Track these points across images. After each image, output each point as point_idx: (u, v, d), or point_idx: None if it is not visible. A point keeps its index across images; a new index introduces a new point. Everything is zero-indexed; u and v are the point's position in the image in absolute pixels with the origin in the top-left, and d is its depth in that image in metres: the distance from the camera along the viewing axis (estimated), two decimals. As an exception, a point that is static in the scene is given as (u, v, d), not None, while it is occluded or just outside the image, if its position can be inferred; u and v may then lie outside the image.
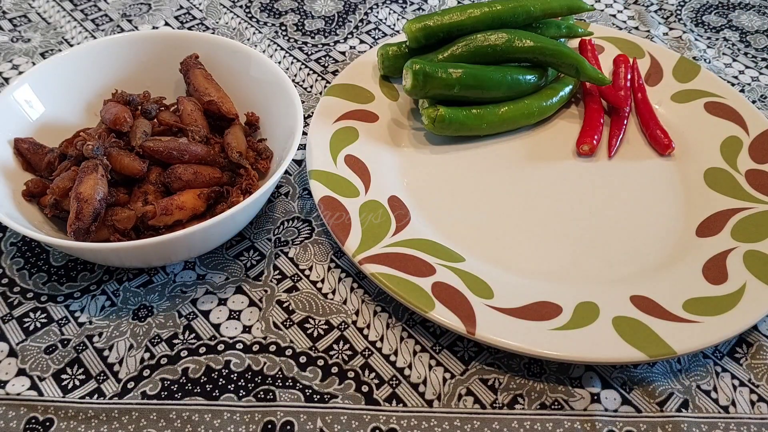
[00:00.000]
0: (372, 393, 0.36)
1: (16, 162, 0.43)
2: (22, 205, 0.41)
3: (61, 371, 0.37)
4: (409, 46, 0.52)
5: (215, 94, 0.46)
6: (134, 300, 0.40)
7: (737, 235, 0.43)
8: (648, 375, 0.37)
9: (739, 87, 0.57)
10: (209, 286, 0.41)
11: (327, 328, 0.39)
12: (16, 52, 0.58)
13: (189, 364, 0.37)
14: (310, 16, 0.63)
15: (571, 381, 0.37)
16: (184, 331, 0.39)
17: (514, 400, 0.36)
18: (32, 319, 0.39)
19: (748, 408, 0.36)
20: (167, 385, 0.36)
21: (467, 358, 0.38)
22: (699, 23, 0.64)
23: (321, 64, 0.58)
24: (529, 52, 0.50)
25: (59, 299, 0.40)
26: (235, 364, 0.37)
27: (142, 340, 0.38)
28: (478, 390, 0.36)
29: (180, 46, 0.48)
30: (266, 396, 0.36)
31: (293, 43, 0.60)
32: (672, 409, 0.36)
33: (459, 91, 0.48)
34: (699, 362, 0.38)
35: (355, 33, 0.62)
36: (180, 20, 0.62)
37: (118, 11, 0.63)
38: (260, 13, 0.64)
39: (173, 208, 0.39)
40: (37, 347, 0.38)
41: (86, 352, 0.38)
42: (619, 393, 0.36)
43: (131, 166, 0.41)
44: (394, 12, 0.64)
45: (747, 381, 0.37)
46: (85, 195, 0.38)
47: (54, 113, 0.46)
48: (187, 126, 0.44)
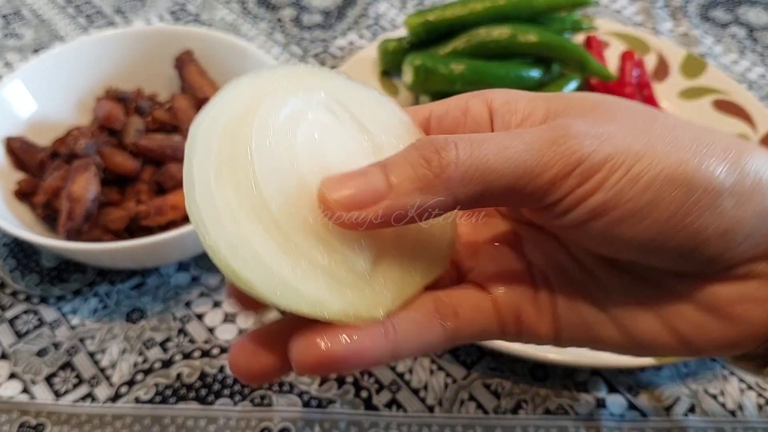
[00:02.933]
0: (371, 398, 0.35)
1: (8, 161, 0.42)
2: (14, 205, 0.40)
3: (53, 375, 0.36)
4: (409, 41, 0.51)
5: (210, 91, 0.45)
6: (127, 302, 0.39)
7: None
8: (655, 379, 0.36)
9: (746, 84, 0.56)
10: (204, 288, 0.40)
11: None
12: (8, 49, 0.57)
13: (183, 368, 0.36)
14: (307, 10, 0.62)
15: (576, 386, 0.36)
16: (179, 335, 0.38)
17: (517, 405, 0.35)
18: (24, 321, 0.38)
19: (755, 412, 0.35)
20: (161, 390, 0.35)
21: (469, 362, 0.37)
22: (706, 19, 0.63)
23: (319, 60, 0.57)
24: (533, 47, 0.49)
25: (51, 301, 0.39)
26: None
27: (135, 344, 0.37)
28: (480, 395, 0.36)
29: (174, 41, 0.47)
30: (263, 401, 0.35)
31: (290, 39, 0.59)
32: (679, 413, 0.35)
33: (461, 86, 0.47)
34: (706, 366, 0.37)
35: (354, 28, 0.61)
36: (175, 15, 0.61)
37: (111, 7, 0.62)
38: (257, 7, 0.63)
39: (167, 208, 0.38)
40: (29, 350, 0.37)
41: (79, 356, 0.37)
42: (625, 398, 0.36)
43: (124, 165, 0.40)
44: (393, 6, 0.63)
45: (754, 384, 0.36)
46: (76, 194, 0.37)
47: (46, 111, 0.45)
48: (182, 123, 0.43)
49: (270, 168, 0.19)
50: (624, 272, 0.21)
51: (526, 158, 0.18)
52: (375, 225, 0.19)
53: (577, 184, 0.18)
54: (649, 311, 0.21)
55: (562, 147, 0.18)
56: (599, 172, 0.18)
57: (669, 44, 0.55)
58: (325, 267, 0.19)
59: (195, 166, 0.19)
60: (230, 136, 0.19)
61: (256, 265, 0.18)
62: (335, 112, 0.21)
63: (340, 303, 0.19)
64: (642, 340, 0.21)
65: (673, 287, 0.21)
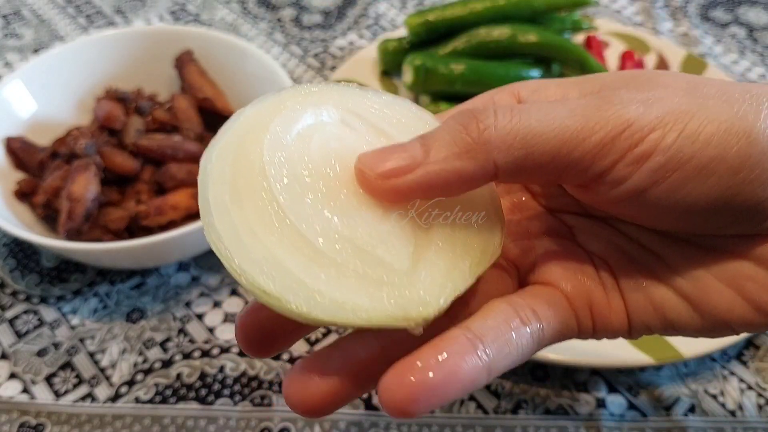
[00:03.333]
0: (371, 398, 0.35)
1: (8, 161, 0.42)
2: (14, 205, 0.40)
3: (53, 375, 0.36)
4: (409, 41, 0.51)
5: (210, 91, 0.45)
6: (127, 302, 0.39)
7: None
8: (654, 379, 0.36)
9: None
10: (204, 288, 0.40)
11: (325, 331, 0.38)
12: (8, 49, 0.57)
13: (183, 368, 0.36)
14: (307, 10, 0.62)
15: (576, 386, 0.36)
16: (179, 335, 0.38)
17: (517, 405, 0.35)
18: (24, 321, 0.38)
19: (755, 412, 0.35)
20: (161, 390, 0.35)
21: (469, 361, 0.37)
22: (706, 19, 0.63)
23: (319, 60, 0.57)
24: (533, 47, 0.49)
25: (51, 301, 0.39)
26: (230, 368, 0.36)
27: (135, 344, 0.37)
28: (480, 395, 0.36)
29: (174, 41, 0.47)
30: (263, 401, 0.35)
31: (290, 39, 0.59)
32: (679, 413, 0.35)
33: (461, 86, 0.47)
34: (706, 366, 0.37)
35: (354, 28, 0.61)
36: (175, 15, 0.61)
37: (111, 7, 0.62)
38: (257, 7, 0.63)
39: (167, 208, 0.38)
40: (29, 350, 0.37)
41: (79, 356, 0.37)
42: (625, 398, 0.36)
43: (124, 165, 0.40)
44: (393, 6, 0.63)
45: (754, 384, 0.36)
46: (76, 194, 0.37)
47: (46, 111, 0.45)
48: (181, 123, 0.43)
49: (286, 180, 0.18)
50: (681, 243, 0.20)
51: (570, 123, 0.17)
52: (414, 194, 0.18)
53: (629, 147, 0.17)
54: (716, 279, 0.20)
55: (608, 111, 0.17)
56: (653, 131, 0.17)
57: (669, 44, 0.55)
58: (359, 272, 0.18)
59: (210, 193, 0.18)
60: (241, 158, 0.19)
61: (286, 280, 0.17)
62: (349, 123, 0.20)
63: (383, 306, 0.17)
64: (716, 314, 0.20)
65: (734, 248, 0.20)
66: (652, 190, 0.17)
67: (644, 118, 0.17)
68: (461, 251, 0.19)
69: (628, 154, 0.17)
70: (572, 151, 0.17)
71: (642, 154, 0.17)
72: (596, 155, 0.17)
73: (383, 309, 0.17)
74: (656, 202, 0.18)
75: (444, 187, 0.18)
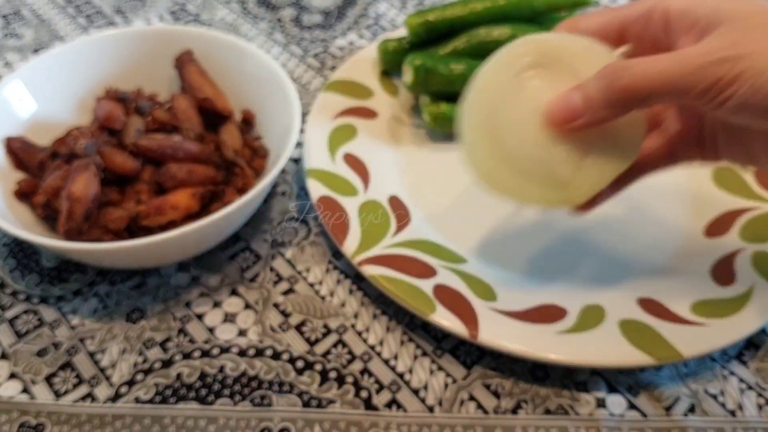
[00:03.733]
0: (371, 398, 0.35)
1: (7, 161, 0.42)
2: (14, 205, 0.40)
3: (53, 375, 0.36)
4: (409, 41, 0.51)
5: (210, 91, 0.45)
6: (127, 302, 0.39)
7: (745, 235, 0.42)
8: (654, 379, 0.36)
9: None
10: (204, 288, 0.40)
11: (325, 331, 0.38)
12: (8, 49, 0.57)
13: (183, 368, 0.36)
14: (307, 10, 0.62)
15: (576, 385, 0.36)
16: (179, 335, 0.38)
17: (517, 405, 0.35)
18: (24, 321, 0.38)
19: (755, 412, 0.35)
20: (161, 390, 0.35)
21: (469, 362, 0.37)
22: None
23: (319, 60, 0.57)
24: (532, 48, 0.49)
25: (51, 301, 0.39)
26: (230, 368, 0.36)
27: (135, 344, 0.37)
28: (480, 395, 0.36)
29: (174, 41, 0.47)
30: (263, 401, 0.35)
31: (290, 39, 0.59)
32: (679, 413, 0.35)
33: (461, 86, 0.47)
34: (706, 365, 0.37)
35: (354, 28, 0.61)
36: (175, 15, 0.61)
37: (111, 7, 0.62)
38: (257, 7, 0.63)
39: (167, 208, 0.38)
40: (29, 350, 0.37)
41: (79, 356, 0.37)
42: (625, 398, 0.36)
43: (124, 165, 0.40)
44: (393, 6, 0.63)
45: (754, 384, 0.36)
46: (76, 194, 0.37)
47: (46, 111, 0.45)
48: (181, 123, 0.43)
49: (505, 119, 0.32)
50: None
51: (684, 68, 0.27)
52: (584, 127, 0.30)
53: (721, 88, 0.27)
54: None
55: (708, 70, 0.27)
56: (731, 85, 0.27)
57: (669, 44, 0.55)
58: (545, 179, 0.32)
59: (465, 127, 0.34)
60: (477, 104, 0.33)
61: (495, 177, 0.33)
62: (547, 66, 0.32)
63: (551, 194, 0.32)
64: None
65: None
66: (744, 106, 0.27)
67: (729, 75, 0.27)
68: (611, 153, 0.31)
69: (720, 94, 0.27)
70: (685, 95, 0.27)
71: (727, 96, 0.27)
72: (700, 95, 0.27)
73: (552, 195, 0.32)
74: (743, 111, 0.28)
75: (599, 124, 0.30)
